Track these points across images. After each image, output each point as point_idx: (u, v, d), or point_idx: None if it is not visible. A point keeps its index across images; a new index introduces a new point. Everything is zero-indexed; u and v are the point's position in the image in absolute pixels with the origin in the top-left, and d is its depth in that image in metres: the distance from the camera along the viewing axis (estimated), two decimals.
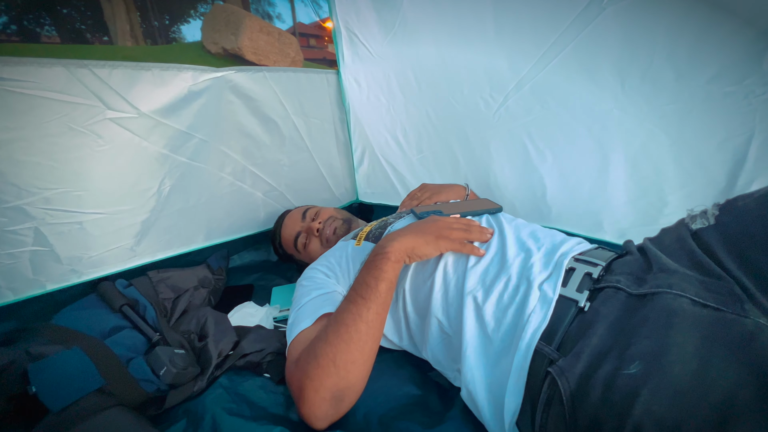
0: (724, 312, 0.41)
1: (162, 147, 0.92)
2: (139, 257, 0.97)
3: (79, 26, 13.11)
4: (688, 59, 0.65)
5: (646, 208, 0.80)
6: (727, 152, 0.66)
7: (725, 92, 0.63)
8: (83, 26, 13.21)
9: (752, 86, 0.60)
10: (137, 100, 0.84)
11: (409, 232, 0.67)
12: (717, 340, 0.39)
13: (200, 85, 0.94)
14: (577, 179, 0.90)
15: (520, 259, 0.61)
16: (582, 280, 0.54)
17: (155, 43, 13.34)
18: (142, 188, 0.92)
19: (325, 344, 0.55)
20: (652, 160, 0.75)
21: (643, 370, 0.40)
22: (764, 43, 0.57)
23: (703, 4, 0.60)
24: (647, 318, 0.44)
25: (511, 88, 0.91)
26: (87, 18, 12.95)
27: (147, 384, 0.66)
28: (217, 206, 1.11)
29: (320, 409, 0.53)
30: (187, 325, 0.82)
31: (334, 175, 1.42)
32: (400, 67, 1.11)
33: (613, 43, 0.71)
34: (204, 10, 15.74)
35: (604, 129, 0.80)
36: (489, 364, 0.55)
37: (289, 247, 1.06)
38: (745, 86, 0.61)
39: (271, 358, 0.75)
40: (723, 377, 0.37)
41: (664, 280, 0.47)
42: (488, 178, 1.08)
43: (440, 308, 0.63)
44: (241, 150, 1.11)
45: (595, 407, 0.41)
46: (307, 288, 0.73)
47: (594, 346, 0.45)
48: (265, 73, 1.08)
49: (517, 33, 0.83)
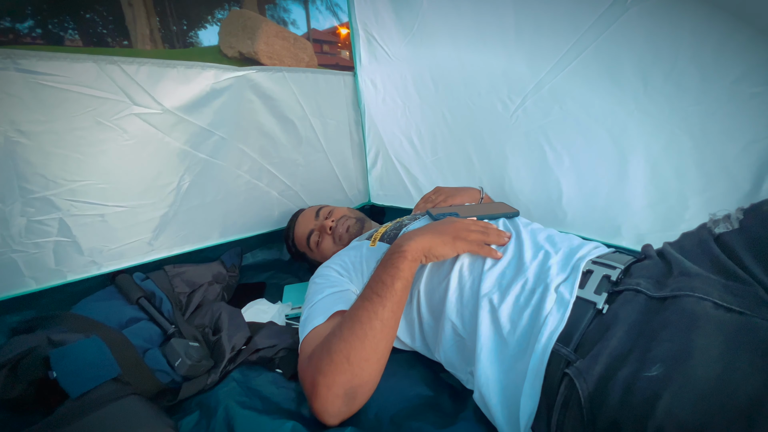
0: (749, 316, 0.40)
1: (183, 143, 0.94)
2: (157, 251, 0.99)
3: (101, 30, 13.52)
4: (714, 59, 0.64)
5: (666, 213, 0.78)
6: (753, 155, 0.65)
7: (752, 93, 0.62)
8: (104, 30, 13.63)
9: None
10: (162, 96, 0.87)
11: (427, 231, 0.67)
12: (742, 344, 0.39)
13: (222, 84, 0.96)
14: (594, 183, 0.89)
15: (537, 262, 0.61)
16: (600, 283, 0.54)
17: (173, 47, 13.66)
18: (162, 183, 0.94)
19: (339, 340, 0.55)
20: (674, 164, 0.74)
21: (665, 373, 0.39)
22: None
23: (730, 2, 0.60)
24: (669, 321, 0.43)
25: (530, 89, 0.91)
26: (108, 22, 13.36)
27: (162, 375, 0.67)
28: (233, 204, 1.13)
29: (333, 405, 0.53)
30: (202, 319, 0.84)
31: (348, 177, 1.43)
32: (417, 69, 1.12)
33: (636, 44, 0.71)
34: (221, 15, 16.11)
35: (624, 131, 0.79)
36: (504, 367, 0.55)
37: (302, 245, 1.07)
38: None
39: (283, 354, 0.76)
40: (748, 382, 0.36)
41: (686, 283, 0.46)
42: (503, 181, 1.07)
43: (455, 310, 0.63)
44: (259, 149, 1.13)
45: (615, 410, 0.41)
46: (320, 285, 0.73)
47: (613, 348, 0.45)
48: (284, 74, 1.10)
49: (537, 34, 0.83)
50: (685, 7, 0.63)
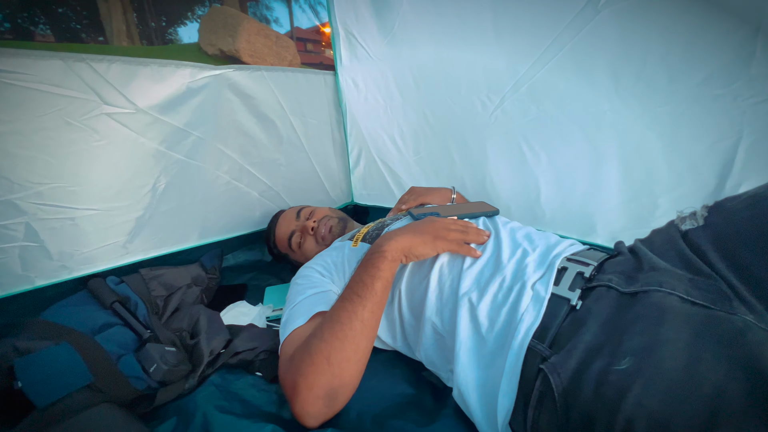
0: (713, 310, 0.42)
1: (159, 144, 0.91)
2: (132, 254, 0.96)
3: (74, 25, 13.04)
4: (681, 61, 0.67)
5: (638, 211, 0.81)
6: (717, 155, 0.68)
7: (715, 95, 0.64)
8: (78, 26, 13.15)
9: (740, 90, 0.61)
10: (135, 95, 0.84)
11: (407, 231, 0.67)
12: (707, 336, 0.40)
13: (199, 83, 0.94)
14: (571, 181, 0.91)
15: (515, 260, 0.62)
16: (574, 279, 0.55)
17: (151, 43, 13.31)
18: (137, 185, 0.91)
19: (319, 342, 0.55)
20: (645, 162, 0.77)
21: (635, 366, 0.40)
22: (752, 47, 0.59)
23: (697, 6, 0.62)
24: (638, 315, 0.45)
25: (509, 89, 0.92)
26: (83, 17, 12.89)
27: (137, 381, 0.65)
28: (212, 205, 1.11)
29: (313, 407, 0.53)
30: (179, 323, 0.82)
31: (330, 176, 1.43)
32: (398, 68, 1.12)
33: (608, 45, 0.73)
34: (201, 12, 15.76)
35: (598, 130, 0.81)
36: (482, 364, 0.55)
37: (284, 246, 1.06)
38: (733, 89, 0.62)
39: (263, 357, 0.75)
40: (713, 372, 0.37)
41: (655, 279, 0.48)
42: (484, 180, 1.09)
43: (435, 309, 0.64)
44: (239, 149, 1.11)
45: (588, 402, 0.42)
46: (302, 286, 0.73)
47: (586, 342, 0.46)
48: (263, 72, 1.08)
49: (515, 34, 0.84)
50: (653, 9, 0.65)
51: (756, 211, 0.46)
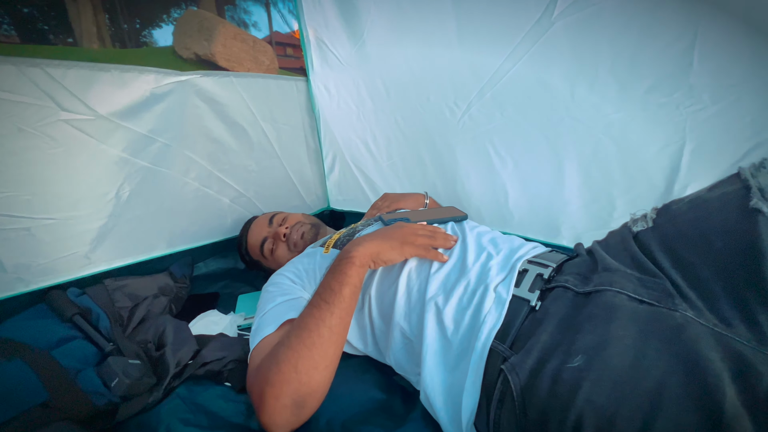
0: (657, 307, 0.44)
1: (121, 150, 0.89)
2: (95, 265, 0.93)
3: (41, 26, 12.47)
4: (629, 71, 0.70)
5: (598, 213, 0.84)
6: (665, 159, 0.72)
7: (660, 103, 0.68)
8: (46, 26, 12.58)
9: (681, 98, 0.66)
10: (95, 101, 0.82)
11: (375, 237, 0.68)
12: (651, 332, 0.42)
13: (163, 89, 0.92)
14: (536, 186, 0.94)
15: (480, 263, 0.63)
16: (534, 281, 0.57)
17: (124, 46, 12.91)
18: (98, 193, 0.88)
19: (287, 349, 0.55)
20: (602, 166, 0.80)
21: (586, 363, 0.42)
22: (689, 58, 0.63)
23: (638, 20, 0.66)
24: (591, 314, 0.47)
25: (474, 95, 0.94)
26: (50, 18, 12.34)
27: (97, 397, 0.63)
28: (181, 212, 1.08)
29: (281, 416, 0.52)
30: (144, 335, 0.79)
31: (305, 182, 1.42)
32: (368, 75, 1.13)
33: (563, 55, 0.76)
34: (177, 14, 15.37)
35: (558, 136, 0.85)
36: (448, 367, 0.56)
37: (256, 253, 1.04)
38: (675, 98, 0.66)
39: (232, 366, 0.74)
40: (655, 367, 0.39)
41: (607, 278, 0.50)
42: (455, 185, 1.11)
43: (403, 314, 0.64)
44: (207, 155, 1.09)
45: (543, 400, 0.43)
46: (272, 294, 0.72)
47: (543, 342, 0.47)
48: (232, 78, 1.07)
49: (478, 43, 0.87)
50: (600, 22, 0.69)
51: (697, 213, 0.49)
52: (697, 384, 0.37)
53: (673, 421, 0.36)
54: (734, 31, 0.59)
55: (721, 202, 0.48)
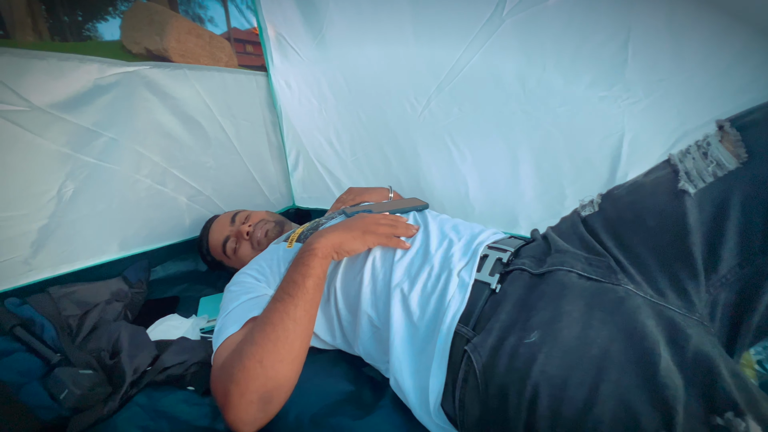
0: (602, 282, 0.49)
1: (62, 145, 0.82)
2: (37, 271, 0.86)
3: None
4: (571, 67, 0.75)
5: (550, 202, 0.90)
6: (607, 149, 0.78)
7: (600, 96, 0.74)
8: None
9: (619, 92, 0.72)
10: (28, 91, 0.75)
11: (337, 228, 0.68)
12: (596, 306, 0.46)
13: (108, 80, 0.87)
14: (493, 178, 0.98)
15: (442, 249, 0.65)
16: (494, 265, 0.59)
17: (65, 40, 11.93)
18: (37, 191, 0.82)
19: (251, 345, 0.54)
20: (551, 157, 0.86)
21: (540, 338, 0.45)
22: (624, 55, 0.69)
23: (577, 20, 0.71)
24: (544, 292, 0.50)
25: (433, 91, 0.97)
26: None
27: (44, 411, 0.59)
28: (133, 212, 1.02)
29: (247, 413, 0.51)
30: (97, 343, 0.75)
31: (268, 180, 1.39)
32: (330, 70, 1.12)
33: (513, 52, 0.80)
34: (124, 8, 14.42)
35: (511, 130, 0.89)
36: (415, 351, 0.58)
37: (218, 253, 1.01)
38: (614, 92, 0.72)
39: (195, 369, 0.71)
40: (599, 336, 0.43)
41: (559, 259, 0.53)
42: (419, 179, 1.13)
43: (369, 302, 0.65)
44: (160, 151, 1.04)
45: (502, 375, 0.45)
46: (235, 293, 0.70)
47: (502, 321, 0.50)
48: (186, 71, 1.03)
49: (434, 39, 0.89)
50: (544, 22, 0.73)
51: (635, 197, 0.54)
52: (636, 349, 0.40)
53: (616, 383, 0.39)
54: (660, 30, 0.65)
55: (654, 185, 0.52)
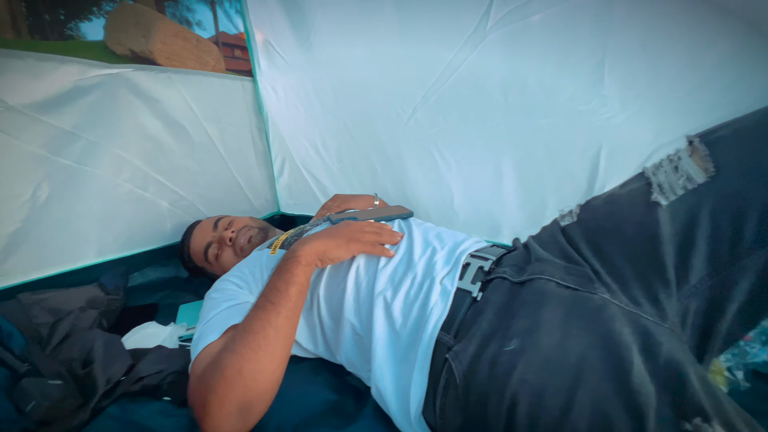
0: (580, 291, 0.50)
1: (38, 147, 0.80)
2: (8, 277, 0.83)
3: None
4: (552, 81, 0.78)
5: (532, 211, 0.92)
6: (586, 161, 0.80)
7: (579, 111, 0.77)
8: None
9: (597, 107, 0.75)
10: (3, 91, 0.73)
11: (322, 236, 0.68)
12: (575, 314, 0.47)
13: (89, 81, 0.85)
14: (478, 187, 1.00)
15: (426, 258, 0.65)
16: (476, 274, 0.60)
17: (46, 38, 11.66)
18: (10, 194, 0.79)
19: (231, 354, 0.53)
20: (534, 168, 0.88)
21: (520, 346, 0.45)
22: (601, 72, 0.72)
23: (559, 36, 0.73)
24: (524, 301, 0.51)
25: (419, 100, 0.98)
26: None
27: (8, 424, 0.56)
28: (112, 216, 1.00)
29: (226, 424, 0.50)
30: (68, 352, 0.72)
31: (253, 185, 1.37)
32: (317, 77, 1.13)
33: (496, 64, 0.82)
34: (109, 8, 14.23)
35: (495, 141, 0.91)
36: (397, 359, 0.58)
37: (199, 259, 0.99)
38: (592, 107, 0.75)
39: (172, 379, 0.69)
40: (578, 344, 0.43)
41: (538, 268, 0.54)
42: (405, 187, 1.14)
43: (352, 310, 0.65)
44: (142, 155, 1.02)
45: (483, 384, 0.46)
46: (216, 300, 0.69)
47: (483, 329, 0.50)
48: (170, 75, 1.01)
49: (420, 50, 0.90)
50: (527, 37, 0.76)
51: (611, 208, 0.56)
52: (611, 356, 0.41)
53: (592, 390, 0.40)
54: (636, 49, 0.68)
55: (629, 197, 0.54)
